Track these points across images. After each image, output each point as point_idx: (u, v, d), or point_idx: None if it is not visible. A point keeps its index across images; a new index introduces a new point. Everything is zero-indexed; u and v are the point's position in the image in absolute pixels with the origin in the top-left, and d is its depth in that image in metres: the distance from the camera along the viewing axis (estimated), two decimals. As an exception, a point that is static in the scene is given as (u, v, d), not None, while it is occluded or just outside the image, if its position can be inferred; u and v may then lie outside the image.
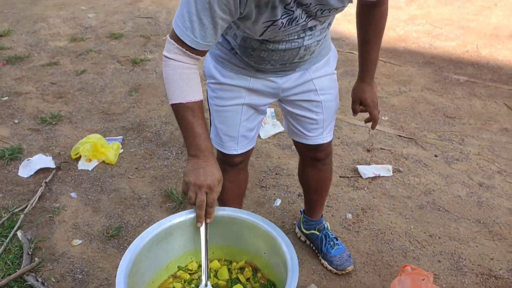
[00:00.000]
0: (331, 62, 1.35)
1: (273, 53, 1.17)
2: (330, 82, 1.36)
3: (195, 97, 1.08)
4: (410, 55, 3.30)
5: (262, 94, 1.32)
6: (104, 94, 2.90)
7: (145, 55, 3.41)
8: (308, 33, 1.14)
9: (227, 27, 1.16)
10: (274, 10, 1.02)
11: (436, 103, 2.74)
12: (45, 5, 4.32)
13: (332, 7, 1.05)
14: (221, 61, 1.28)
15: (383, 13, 1.27)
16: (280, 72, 1.27)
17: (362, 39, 1.34)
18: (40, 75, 3.13)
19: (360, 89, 1.41)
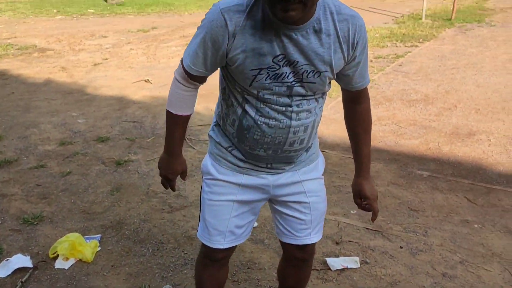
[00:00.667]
0: (319, 168, 1.51)
1: (265, 134, 1.31)
2: (318, 186, 1.50)
3: (183, 112, 1.41)
4: (377, 152, 3.53)
5: (254, 190, 1.44)
6: (86, 194, 3.03)
7: (129, 157, 3.60)
8: (295, 109, 1.29)
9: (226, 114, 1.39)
10: (262, 58, 1.21)
11: (402, 196, 2.90)
12: (38, 112, 4.61)
13: (316, 69, 1.24)
14: (218, 159, 1.44)
15: (366, 110, 1.47)
16: (271, 168, 1.41)
17: (352, 137, 1.51)
18: (26, 178, 3.27)
19: (358, 184, 1.52)
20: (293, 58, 1.21)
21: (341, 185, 3.07)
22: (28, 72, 6.04)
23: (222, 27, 1.20)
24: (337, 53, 1.25)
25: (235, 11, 1.19)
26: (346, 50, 1.26)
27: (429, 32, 7.71)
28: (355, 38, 1.26)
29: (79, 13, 10.60)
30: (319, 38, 1.21)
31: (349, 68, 1.32)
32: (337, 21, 1.23)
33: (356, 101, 1.44)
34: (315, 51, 1.22)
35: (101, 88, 5.38)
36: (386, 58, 6.27)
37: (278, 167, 1.41)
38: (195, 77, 1.35)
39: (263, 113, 1.29)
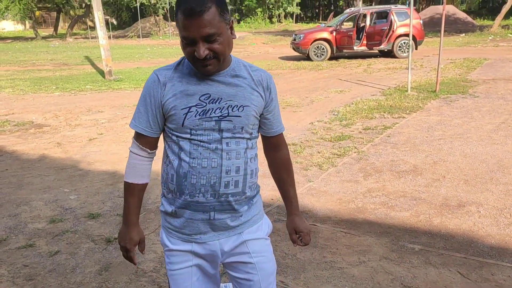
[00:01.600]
0: (263, 228, 1.62)
1: (200, 176, 1.45)
2: (263, 246, 1.59)
3: (136, 180, 1.56)
4: (368, 225, 3.53)
5: (205, 258, 1.55)
6: (74, 274, 2.97)
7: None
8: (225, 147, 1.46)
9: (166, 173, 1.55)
10: (190, 97, 1.44)
11: (394, 272, 2.87)
12: (30, 189, 4.62)
13: (240, 103, 1.47)
14: (169, 230, 1.57)
15: (286, 155, 1.70)
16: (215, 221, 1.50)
17: (278, 182, 1.72)
18: (14, 258, 3.22)
19: (291, 221, 1.70)
20: (217, 96, 1.45)
21: (333, 260, 3.04)
22: (24, 148, 6.12)
23: (155, 82, 1.49)
24: (254, 92, 1.51)
25: (164, 69, 1.52)
26: (263, 92, 1.53)
27: (415, 103, 7.97)
28: (268, 83, 1.56)
29: (78, 89, 10.93)
30: (237, 80, 1.50)
31: (269, 111, 1.58)
32: (251, 71, 1.54)
33: (277, 148, 1.68)
34: (235, 88, 1.48)
35: (95, 163, 5.44)
36: (374, 129, 6.43)
37: (221, 220, 1.50)
38: (143, 138, 1.53)
39: (196, 155, 1.46)
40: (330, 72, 12.98)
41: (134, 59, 18.21)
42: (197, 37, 1.36)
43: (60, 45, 27.03)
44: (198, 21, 1.33)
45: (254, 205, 1.59)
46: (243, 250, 1.55)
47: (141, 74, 13.44)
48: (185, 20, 1.35)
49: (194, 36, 1.36)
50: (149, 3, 35.25)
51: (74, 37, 34.95)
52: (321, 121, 7.07)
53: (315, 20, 44.47)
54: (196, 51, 1.38)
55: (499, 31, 24.41)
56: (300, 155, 5.35)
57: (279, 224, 3.55)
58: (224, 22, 1.39)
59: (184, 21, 1.35)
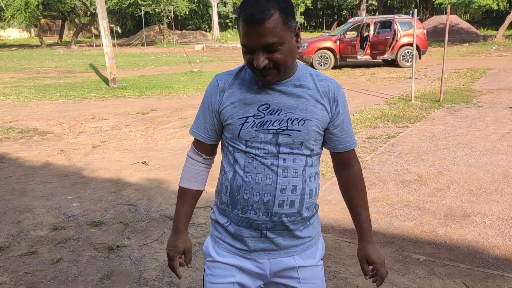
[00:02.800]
0: (317, 255, 1.51)
1: (253, 192, 1.37)
2: (314, 273, 1.49)
3: (190, 185, 1.53)
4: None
5: (251, 275, 1.46)
6: (76, 282, 2.96)
7: (122, 241, 3.55)
8: (281, 163, 1.36)
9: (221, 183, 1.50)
10: (248, 107, 1.38)
11: (398, 283, 2.84)
12: (33, 196, 4.62)
13: (300, 116, 1.37)
14: (218, 240, 1.50)
15: (358, 173, 1.53)
16: (267, 239, 1.42)
17: (349, 203, 1.57)
18: (16, 265, 3.21)
19: (363, 249, 1.55)
20: (277, 107, 1.37)
21: (336, 270, 3.02)
22: (27, 155, 6.13)
23: (215, 87, 1.45)
24: (318, 105, 1.40)
25: (225, 75, 1.47)
26: (328, 104, 1.42)
27: (419, 113, 7.96)
28: (335, 95, 1.43)
29: (82, 97, 10.97)
30: (300, 90, 1.40)
31: (335, 126, 1.45)
32: (317, 80, 1.43)
33: (347, 165, 1.53)
34: (297, 100, 1.38)
35: (98, 170, 5.44)
36: (378, 138, 6.42)
37: (273, 238, 1.41)
38: (200, 144, 1.51)
39: (250, 169, 1.38)
40: (333, 81, 12.98)
41: (138, 67, 18.30)
42: (256, 47, 1.29)
43: (65, 53, 27.21)
44: (258, 29, 1.26)
45: (311, 226, 1.49)
46: (293, 275, 1.46)
47: (145, 82, 13.50)
48: (245, 27, 1.28)
49: (253, 45, 1.29)
50: (154, 12, 35.53)
51: (79, 45, 35.19)
52: (324, 130, 7.06)
53: (318, 30, 44.66)
54: (254, 61, 1.31)
55: (502, 41, 24.43)
56: (304, 164, 5.33)
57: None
58: (289, 30, 1.30)
59: (244, 28, 1.29)
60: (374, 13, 36.86)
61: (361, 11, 28.93)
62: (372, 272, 1.56)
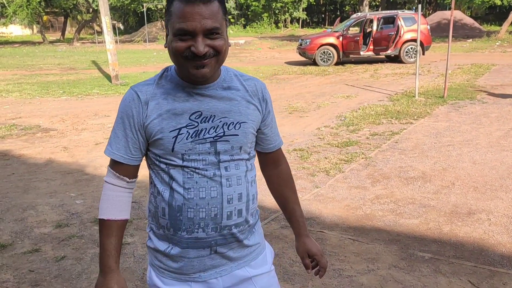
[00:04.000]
0: (268, 260, 1.48)
1: (199, 209, 1.27)
2: (269, 279, 1.46)
3: (114, 216, 1.31)
4: (377, 232, 3.49)
5: None
6: (80, 280, 2.95)
7: (125, 239, 3.54)
8: (224, 173, 1.28)
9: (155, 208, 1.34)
10: (178, 117, 1.26)
11: (403, 281, 2.82)
12: (36, 193, 4.61)
13: (236, 120, 1.29)
14: (161, 270, 1.38)
15: (287, 170, 1.53)
16: (217, 254, 1.34)
17: (282, 201, 1.55)
18: (19, 263, 3.20)
19: (302, 243, 1.53)
20: (210, 113, 1.28)
21: (341, 268, 3.00)
22: (30, 152, 6.13)
23: (134, 100, 1.28)
24: (250, 105, 1.34)
25: (143, 85, 1.31)
26: (258, 104, 1.37)
27: (423, 109, 7.92)
28: (263, 93, 1.39)
29: (84, 93, 10.96)
30: (230, 92, 1.31)
31: (266, 125, 1.42)
32: (243, 80, 1.36)
33: (277, 164, 1.51)
34: (229, 103, 1.30)
35: (101, 167, 5.43)
36: (382, 135, 6.39)
37: (223, 253, 1.35)
38: (121, 166, 1.31)
39: (191, 185, 1.27)
40: (336, 77, 12.95)
41: (141, 64, 18.28)
42: (197, 30, 1.16)
43: (67, 50, 27.20)
44: (203, 10, 1.15)
45: (256, 232, 1.44)
46: (249, 286, 1.39)
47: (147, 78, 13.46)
48: (185, 8, 1.16)
49: (195, 28, 1.16)
50: (156, 8, 35.45)
51: (81, 41, 35.17)
52: (328, 127, 7.04)
53: (321, 25, 44.52)
54: (194, 46, 1.18)
55: (506, 36, 24.29)
56: (307, 161, 5.31)
57: (286, 230, 3.51)
58: (225, 22, 1.23)
59: (184, 8, 1.16)
60: (377, 9, 36.71)
61: (364, 7, 28.81)
62: (312, 263, 1.54)
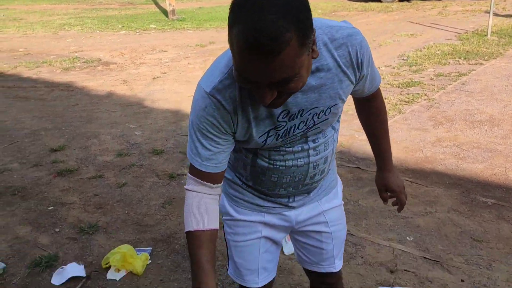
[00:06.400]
0: (339, 194, 1.45)
1: (283, 175, 1.23)
2: (339, 213, 1.44)
3: (204, 226, 1.11)
4: (437, 176, 3.36)
5: (277, 229, 1.38)
6: (140, 205, 3.09)
7: (182, 170, 3.64)
8: (312, 145, 1.19)
9: (235, 158, 1.29)
10: (265, 121, 1.08)
11: (463, 225, 2.72)
12: (99, 123, 4.80)
13: (326, 107, 1.10)
14: (235, 199, 1.35)
15: (380, 104, 1.39)
16: (294, 202, 1.33)
17: (368, 134, 1.46)
18: (85, 187, 3.39)
19: (382, 178, 1.48)
20: (297, 109, 1.08)
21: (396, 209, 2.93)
22: (92, 84, 6.33)
23: (219, 109, 1.04)
24: (343, 82, 1.10)
25: (222, 87, 1.03)
26: (352, 74, 1.11)
27: (495, 49, 7.32)
28: (357, 57, 1.09)
29: (142, 28, 11.05)
30: (318, 77, 1.06)
31: (360, 84, 1.19)
32: (334, 49, 1.05)
33: (369, 99, 1.36)
34: (318, 90, 1.07)
35: (158, 101, 5.53)
36: (448, 76, 6.01)
37: (299, 199, 1.34)
38: (204, 174, 1.13)
39: (277, 158, 1.20)
40: (400, 14, 12.17)
41: (197, -1, 18.04)
42: (261, 82, 0.90)
43: (125, -15, 27.25)
44: (267, 64, 0.85)
45: (331, 170, 1.38)
46: (320, 220, 1.39)
47: (204, 14, 13.32)
48: (244, 54, 0.86)
49: (257, 81, 0.90)
50: None
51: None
52: (388, 66, 6.70)
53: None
54: (257, 95, 0.94)
55: None
56: (365, 101, 5.12)
57: (341, 169, 3.45)
58: (307, 49, 0.90)
59: (242, 53, 0.86)
60: None
61: None
62: (391, 199, 1.51)
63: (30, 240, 2.70)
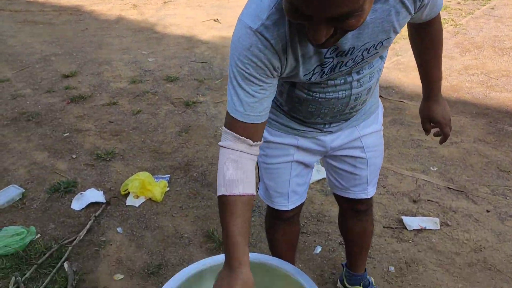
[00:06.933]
0: (379, 118, 1.34)
1: (321, 106, 1.13)
2: (377, 139, 1.34)
3: (239, 190, 0.97)
4: (463, 105, 3.22)
5: (310, 152, 1.30)
6: (156, 133, 3.03)
7: (197, 98, 3.54)
8: (355, 77, 1.09)
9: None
10: (312, 59, 0.97)
11: (490, 155, 2.63)
12: (110, 49, 4.65)
13: (377, 41, 0.98)
14: (269, 121, 1.25)
15: (439, 29, 1.23)
16: (330, 128, 1.24)
17: (420, 60, 1.33)
18: (100, 114, 3.33)
19: (427, 107, 1.37)
20: (347, 46, 0.95)
21: (420, 139, 2.84)
22: (101, 9, 6.08)
23: (267, 48, 0.91)
24: (400, 14, 0.97)
25: (273, 24, 0.89)
26: (412, 5, 0.97)
27: (529, -29, 6.81)
28: None
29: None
30: (373, 10, 0.93)
31: (417, 14, 1.05)
32: None
33: (427, 24, 1.19)
34: (371, 25, 0.94)
35: (170, 26, 5.31)
36: (476, 0, 5.64)
37: (336, 125, 1.24)
38: (243, 126, 0.99)
39: (318, 90, 1.09)
40: None
41: None
42: (315, 16, 0.75)
43: None
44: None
45: (373, 94, 1.25)
46: (356, 144, 1.30)
47: None
48: None
49: (311, 14, 0.75)
50: None
51: None
52: (413, -11, 6.30)
53: None
54: (309, 32, 0.80)
55: None
56: (388, 26, 4.86)
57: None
58: None
59: None
60: None
61: None
62: (435, 129, 1.40)
63: (48, 166, 2.68)
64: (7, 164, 2.71)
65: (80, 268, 1.89)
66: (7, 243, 1.97)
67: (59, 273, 1.86)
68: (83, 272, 1.87)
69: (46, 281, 1.79)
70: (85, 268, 1.90)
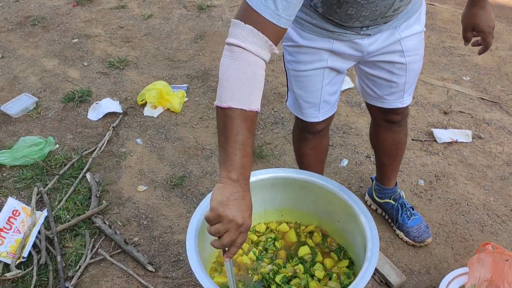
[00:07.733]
0: (421, 19, 1.18)
1: (363, 8, 1.00)
2: (418, 42, 1.21)
3: (249, 105, 0.83)
4: (499, 9, 2.97)
5: (345, 57, 1.17)
6: (170, 40, 2.86)
7: (212, 1, 3.31)
8: None
9: None
10: None
11: (527, 65, 2.47)
12: None
13: None
14: (301, 22, 1.12)
15: None
16: (367, 31, 1.10)
17: None
18: (108, 18, 3.13)
19: (472, 14, 1.23)
20: None
21: (452, 46, 2.66)
22: None
23: None
24: None
25: None
26: None
27: None
28: None
29: None
30: None
31: None
32: None
33: None
34: None
35: None
36: None
37: (375, 27, 1.10)
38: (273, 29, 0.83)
39: None
40: None
41: None
42: None
43: None
44: None
45: None
46: (396, 48, 1.17)
47: None
48: None
49: None
50: None
51: None
52: None
53: None
54: None
55: None
56: None
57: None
58: None
59: None
60: None
61: None
62: (475, 39, 1.27)
63: (59, 74, 2.57)
64: (16, 72, 2.61)
65: (103, 179, 1.86)
66: (27, 153, 1.93)
67: (81, 183, 1.83)
68: (106, 183, 1.84)
69: (70, 191, 1.77)
70: (107, 179, 1.87)
